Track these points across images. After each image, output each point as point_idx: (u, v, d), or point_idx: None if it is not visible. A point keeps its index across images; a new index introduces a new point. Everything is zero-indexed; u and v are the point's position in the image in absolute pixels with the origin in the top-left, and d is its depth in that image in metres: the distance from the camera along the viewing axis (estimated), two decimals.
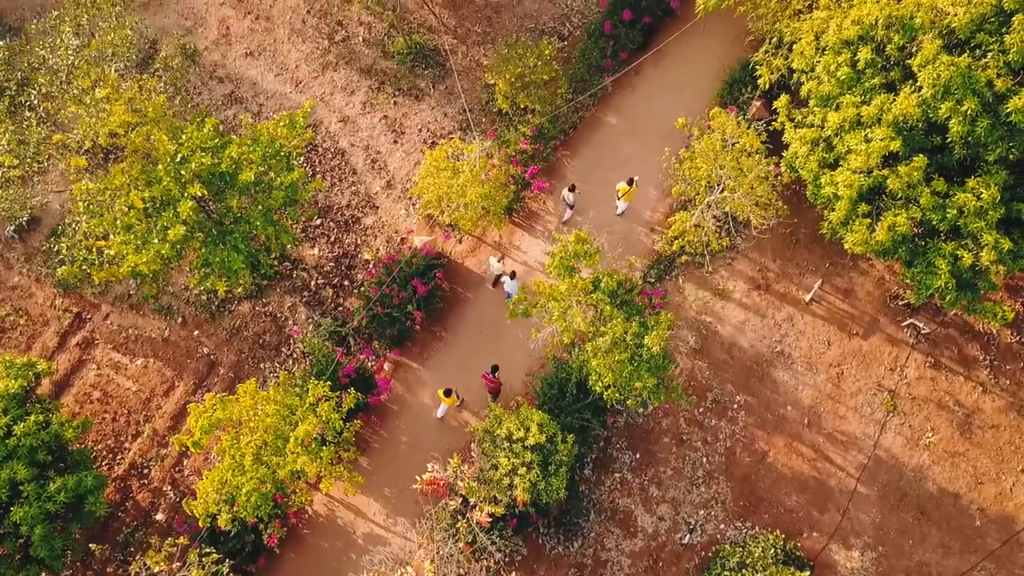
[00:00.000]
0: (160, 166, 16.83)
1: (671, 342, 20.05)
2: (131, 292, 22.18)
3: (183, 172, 16.79)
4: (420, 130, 23.36)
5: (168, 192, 16.70)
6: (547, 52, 20.75)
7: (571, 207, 21.83)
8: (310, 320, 21.52)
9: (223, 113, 23.68)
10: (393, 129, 23.41)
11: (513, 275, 20.33)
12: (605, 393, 16.92)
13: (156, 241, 16.61)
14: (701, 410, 20.47)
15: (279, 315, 21.81)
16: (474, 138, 20.90)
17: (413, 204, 22.48)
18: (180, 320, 22.01)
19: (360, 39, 24.40)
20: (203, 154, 16.99)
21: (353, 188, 22.93)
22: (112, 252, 16.74)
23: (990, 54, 16.32)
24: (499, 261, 20.99)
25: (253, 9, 24.92)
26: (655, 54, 23.05)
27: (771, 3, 20.10)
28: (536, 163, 22.06)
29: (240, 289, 21.83)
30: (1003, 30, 16.30)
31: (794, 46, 19.03)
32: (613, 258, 18.74)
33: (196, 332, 21.93)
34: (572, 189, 21.23)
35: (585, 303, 17.21)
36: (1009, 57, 16.07)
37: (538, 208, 22.29)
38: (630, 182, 21.16)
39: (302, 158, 22.96)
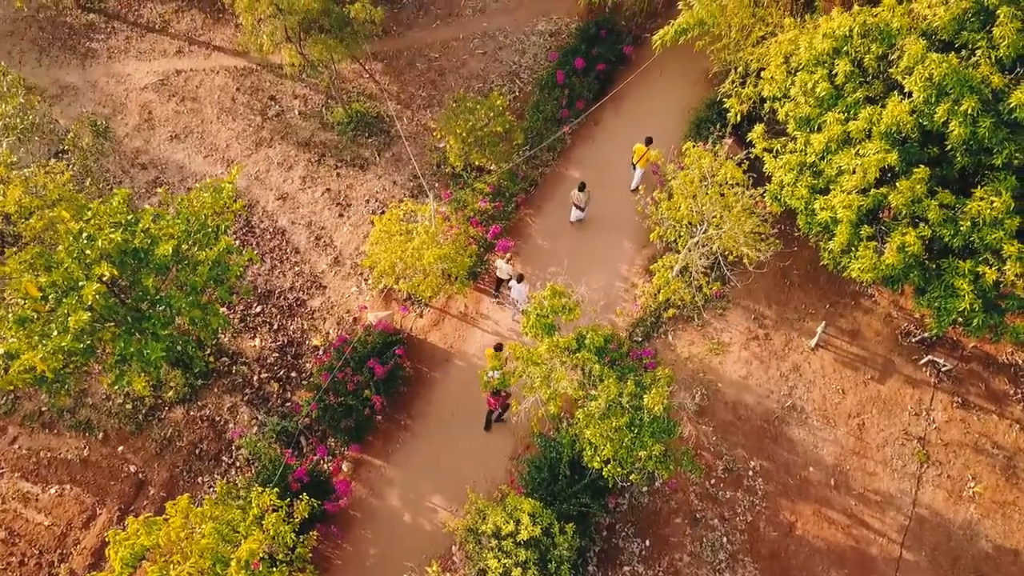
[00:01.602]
0: (61, 247, 14.33)
1: (671, 400, 17.61)
2: (43, 408, 19.08)
3: (88, 252, 14.29)
4: (368, 200, 21.27)
5: (70, 276, 14.13)
6: (499, 103, 19.13)
7: (581, 209, 19.80)
8: (254, 420, 18.59)
9: (147, 201, 21.38)
10: (338, 202, 21.29)
11: (521, 278, 18.00)
12: (605, 469, 14.29)
13: (56, 333, 13.89)
14: (713, 481, 17.80)
15: (218, 418, 18.83)
16: (428, 199, 18.89)
17: (365, 280, 20.10)
18: (101, 436, 18.87)
19: (296, 112, 22.61)
20: (113, 230, 14.58)
21: (296, 269, 20.50)
22: (1, 351, 13.94)
23: (979, 51, 15.06)
24: (507, 262, 18.85)
25: (178, 91, 23.09)
26: (614, 101, 21.68)
27: (732, 32, 18.96)
28: (498, 222, 20.04)
29: (171, 393, 18.92)
30: (988, 26, 15.16)
31: (763, 72, 17.76)
32: (595, 312, 16.52)
33: (120, 448, 18.78)
34: (582, 188, 19.23)
35: (570, 364, 14.82)
36: (1000, 52, 14.82)
37: None
38: (648, 142, 19.33)
39: (237, 240, 20.62)
